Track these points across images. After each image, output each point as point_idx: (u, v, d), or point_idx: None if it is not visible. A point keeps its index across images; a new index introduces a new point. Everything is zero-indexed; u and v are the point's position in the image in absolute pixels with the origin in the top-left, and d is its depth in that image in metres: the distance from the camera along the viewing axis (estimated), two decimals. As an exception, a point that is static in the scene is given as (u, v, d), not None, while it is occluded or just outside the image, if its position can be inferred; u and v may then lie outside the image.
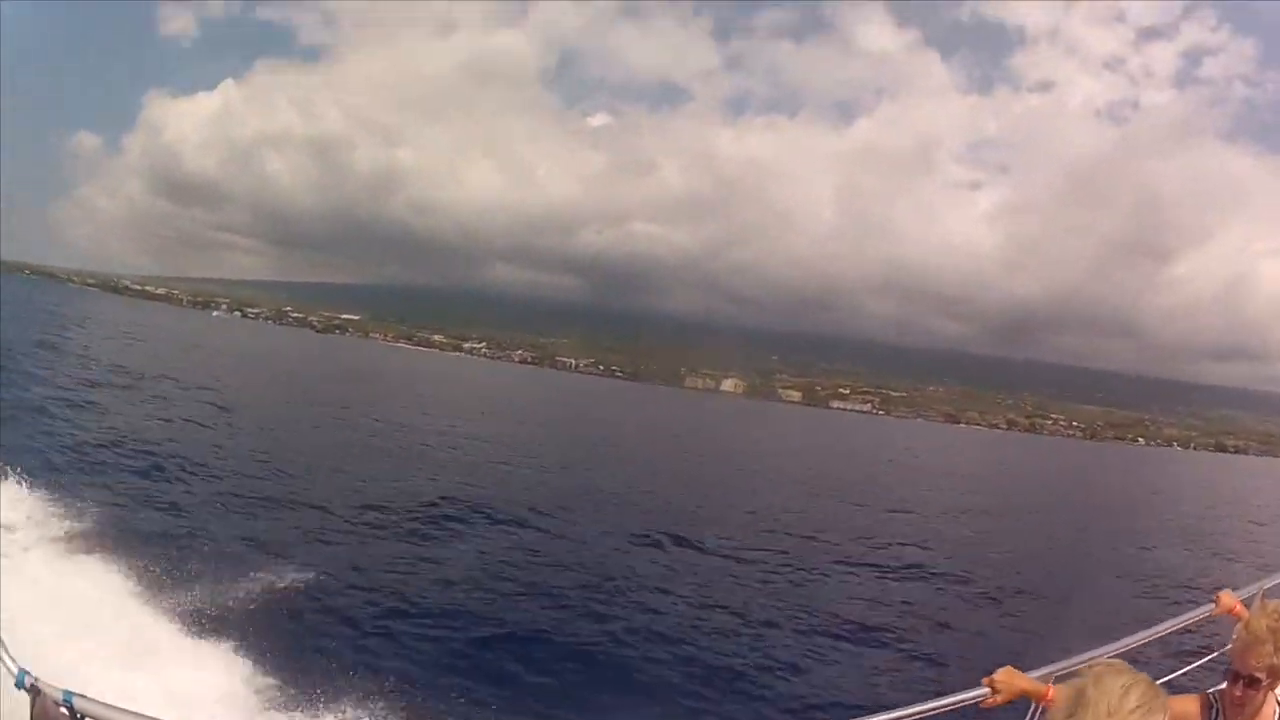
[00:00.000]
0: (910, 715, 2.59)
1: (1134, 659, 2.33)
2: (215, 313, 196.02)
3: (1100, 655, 2.79)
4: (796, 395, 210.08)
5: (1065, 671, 2.66)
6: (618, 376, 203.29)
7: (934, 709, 2.59)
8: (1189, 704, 2.60)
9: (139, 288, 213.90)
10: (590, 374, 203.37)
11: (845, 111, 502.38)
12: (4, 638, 2.37)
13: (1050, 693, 2.50)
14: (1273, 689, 2.47)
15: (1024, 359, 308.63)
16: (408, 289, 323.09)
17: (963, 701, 2.55)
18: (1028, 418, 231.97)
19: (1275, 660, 2.39)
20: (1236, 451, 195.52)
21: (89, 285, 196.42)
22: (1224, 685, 2.59)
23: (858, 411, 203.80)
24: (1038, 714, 2.66)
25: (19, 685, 2.22)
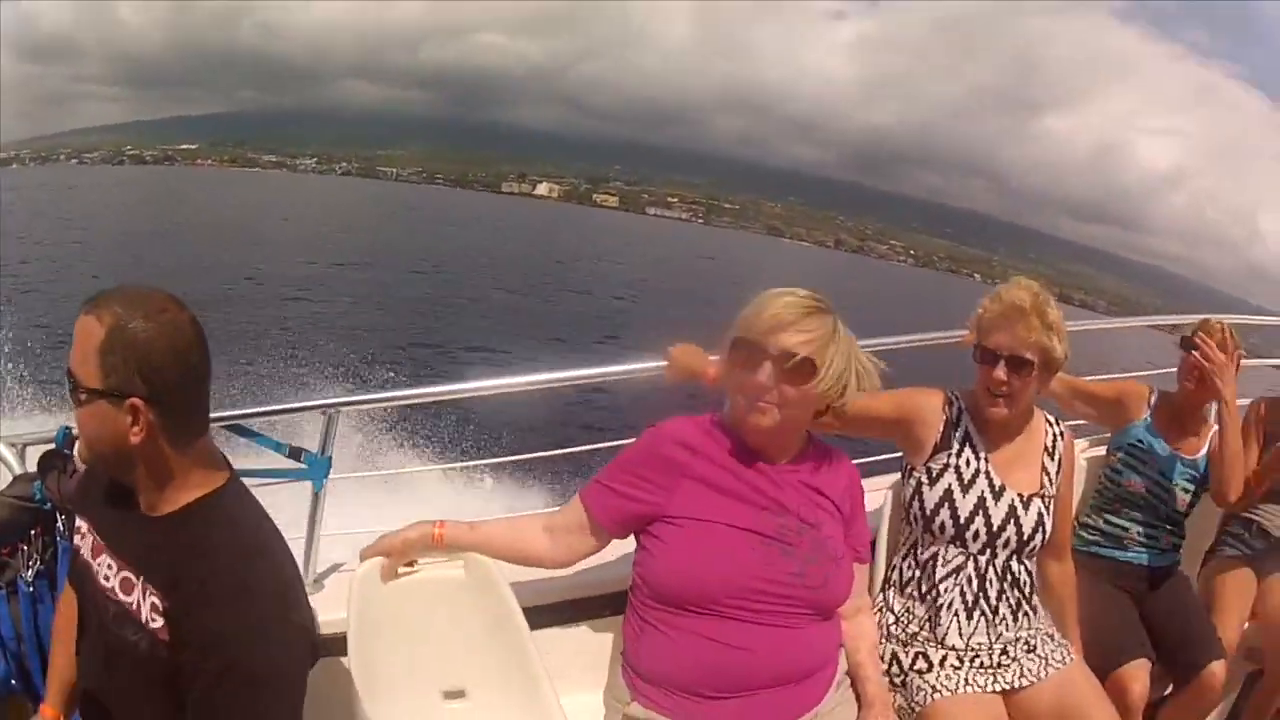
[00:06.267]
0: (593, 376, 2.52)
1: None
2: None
3: None
4: (613, 201, 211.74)
5: None
6: (439, 184, 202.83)
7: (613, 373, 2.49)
8: (931, 396, 2.07)
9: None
10: (414, 182, 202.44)
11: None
12: None
13: (714, 372, 2.03)
14: (1044, 381, 2.01)
15: (882, 189, 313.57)
16: (259, 114, 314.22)
17: (639, 371, 2.32)
18: (859, 240, 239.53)
19: (1043, 338, 1.93)
20: (1082, 305, 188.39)
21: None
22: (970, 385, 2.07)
23: (675, 219, 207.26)
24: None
25: None
